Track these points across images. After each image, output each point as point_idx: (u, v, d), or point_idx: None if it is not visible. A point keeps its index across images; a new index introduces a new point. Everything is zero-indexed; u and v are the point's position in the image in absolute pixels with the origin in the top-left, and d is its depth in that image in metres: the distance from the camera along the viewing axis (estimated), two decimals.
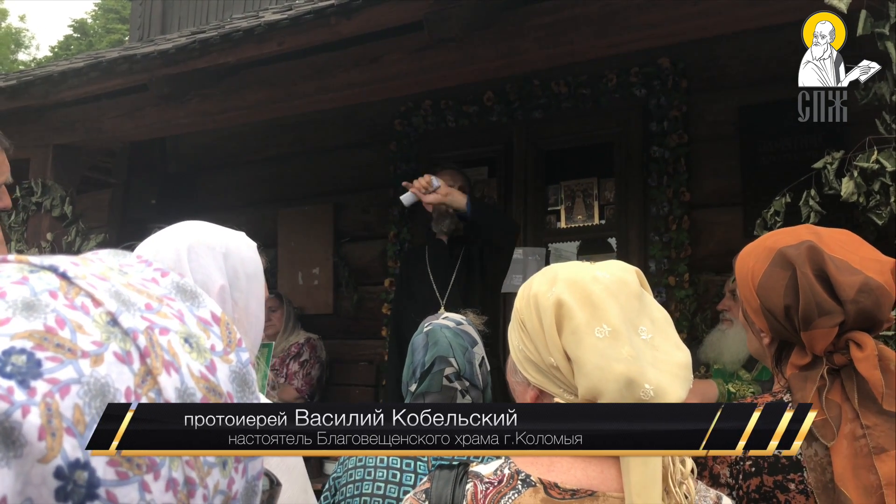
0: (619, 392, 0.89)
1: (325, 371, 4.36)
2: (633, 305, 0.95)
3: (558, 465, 0.94)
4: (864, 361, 1.18)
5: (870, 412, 1.17)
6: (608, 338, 0.91)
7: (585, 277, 0.97)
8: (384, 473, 1.57)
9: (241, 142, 4.98)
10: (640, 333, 0.93)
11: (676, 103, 3.65)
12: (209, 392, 0.43)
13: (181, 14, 6.10)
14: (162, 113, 3.82)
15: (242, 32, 3.09)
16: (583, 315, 0.93)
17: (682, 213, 3.60)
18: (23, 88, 3.81)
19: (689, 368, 0.93)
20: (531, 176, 4.11)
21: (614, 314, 0.93)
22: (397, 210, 4.41)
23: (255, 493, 0.46)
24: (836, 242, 1.26)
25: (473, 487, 0.95)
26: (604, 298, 0.94)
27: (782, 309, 1.24)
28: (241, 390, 0.45)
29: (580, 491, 0.91)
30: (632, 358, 0.90)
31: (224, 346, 0.46)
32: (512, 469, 0.96)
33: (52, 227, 3.97)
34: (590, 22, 2.82)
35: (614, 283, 0.96)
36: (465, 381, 1.62)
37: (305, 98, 3.53)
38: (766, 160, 3.43)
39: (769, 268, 1.27)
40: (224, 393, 0.44)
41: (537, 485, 0.93)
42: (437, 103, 4.29)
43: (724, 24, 2.68)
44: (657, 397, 0.88)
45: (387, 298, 4.42)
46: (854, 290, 1.18)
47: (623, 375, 0.89)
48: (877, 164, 2.02)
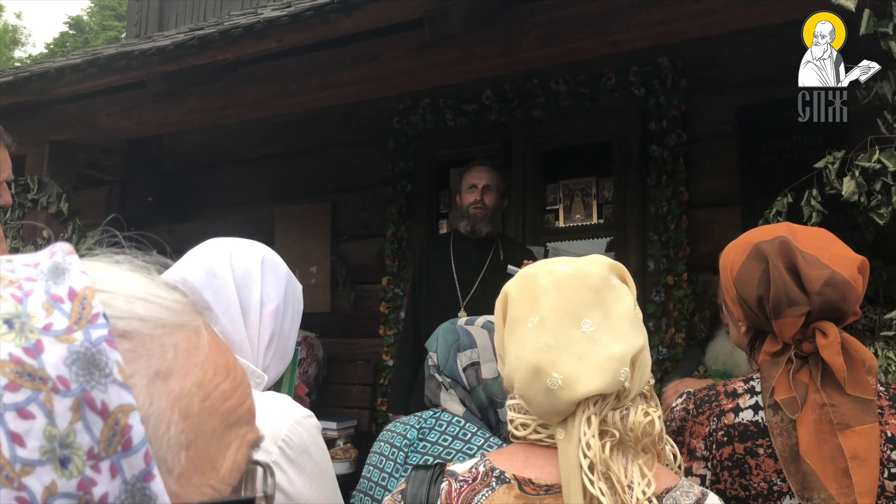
0: (527, 380, 0.91)
1: (323, 370, 4.35)
2: (584, 299, 0.95)
3: (533, 462, 0.95)
4: (828, 348, 1.27)
5: (835, 393, 1.27)
6: (535, 327, 0.93)
7: (541, 271, 0.99)
8: (376, 459, 1.62)
9: (238, 139, 4.96)
10: (580, 325, 0.93)
11: (675, 102, 3.65)
12: (21, 377, 0.36)
13: (178, 11, 6.08)
14: (159, 110, 3.80)
15: (242, 29, 3.07)
16: (521, 307, 0.96)
17: (681, 212, 3.60)
18: (19, 84, 3.79)
19: (622, 361, 0.92)
20: (530, 174, 4.11)
21: (549, 306, 0.94)
22: (395, 208, 4.41)
23: (148, 498, 0.38)
24: (809, 239, 1.35)
25: (448, 486, 0.96)
26: (546, 291, 0.95)
27: (755, 299, 1.34)
28: (85, 374, 0.37)
29: (555, 486, 0.91)
30: (547, 347, 0.91)
31: (69, 325, 0.38)
32: (487, 466, 0.96)
33: (48, 223, 3.95)
34: (590, 20, 2.81)
35: (569, 277, 0.96)
36: (445, 375, 1.63)
37: (304, 95, 3.52)
38: (764, 160, 3.43)
39: (745, 261, 1.38)
40: (51, 377, 0.36)
41: (511, 481, 0.93)
42: (436, 101, 4.28)
43: (724, 23, 2.68)
44: (565, 387, 0.89)
45: (384, 297, 4.41)
46: (820, 283, 1.28)
47: (531, 363, 0.90)
48: (878, 163, 2.02)
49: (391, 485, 1.56)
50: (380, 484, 1.57)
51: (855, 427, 1.24)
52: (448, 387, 1.63)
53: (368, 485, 1.60)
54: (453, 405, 1.62)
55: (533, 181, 4.11)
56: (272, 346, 1.17)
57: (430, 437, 1.58)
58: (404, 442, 1.60)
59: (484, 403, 1.64)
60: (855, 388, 1.26)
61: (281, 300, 1.20)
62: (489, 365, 1.64)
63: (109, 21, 22.19)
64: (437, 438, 1.57)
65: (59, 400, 0.36)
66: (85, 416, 0.37)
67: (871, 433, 1.24)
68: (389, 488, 1.56)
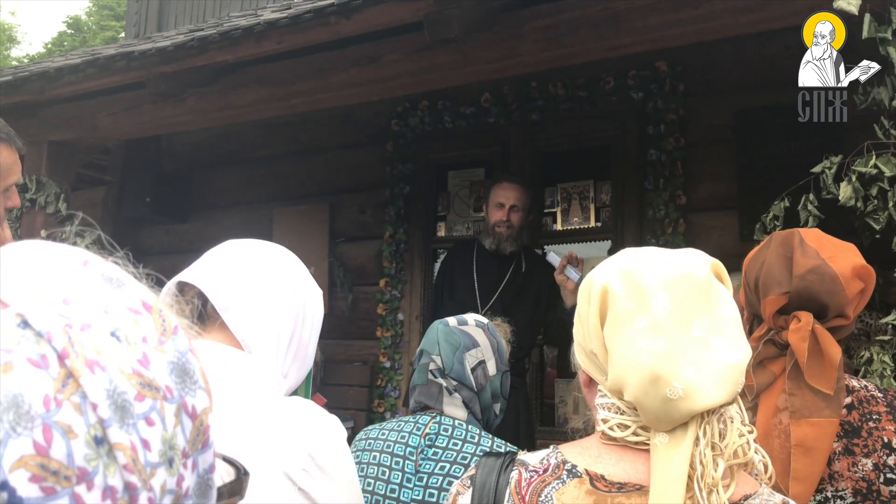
0: (643, 387, 0.85)
1: (320, 371, 4.35)
2: (693, 300, 0.89)
3: (606, 457, 0.92)
4: (795, 333, 1.31)
5: (800, 384, 1.31)
6: (646, 330, 0.87)
7: (643, 265, 0.92)
8: (375, 471, 1.58)
9: (237, 140, 4.96)
10: (691, 329, 0.87)
11: (673, 107, 3.66)
12: (144, 388, 0.39)
13: (177, 11, 6.08)
14: (158, 111, 3.80)
15: (241, 31, 3.08)
16: (626, 304, 0.89)
17: (678, 216, 3.61)
18: (18, 84, 3.79)
19: (740, 370, 0.87)
20: (528, 177, 4.11)
21: (661, 306, 0.88)
22: (393, 210, 4.41)
23: (209, 487, 0.43)
24: (824, 240, 1.39)
25: (518, 475, 0.93)
26: (654, 289, 0.89)
27: (754, 280, 1.42)
28: (180, 382, 0.42)
29: (628, 484, 0.88)
30: (664, 353, 0.85)
31: (158, 336, 0.42)
32: (559, 458, 0.93)
33: (45, 223, 3.95)
34: (589, 25, 2.82)
35: (676, 274, 0.90)
36: (451, 379, 1.61)
37: (303, 97, 3.52)
38: (761, 164, 3.44)
39: (760, 249, 1.47)
40: (161, 387, 0.40)
41: (583, 475, 0.90)
42: (435, 104, 4.29)
43: (723, 28, 2.69)
44: (685, 397, 0.83)
45: (382, 299, 4.41)
46: (805, 269, 1.33)
47: (648, 370, 0.85)
48: (875, 168, 2.03)
49: (404, 495, 1.52)
50: (389, 496, 1.53)
51: (810, 418, 1.28)
52: (452, 390, 1.61)
53: (374, 498, 1.54)
54: (455, 409, 1.60)
55: (531, 184, 4.11)
56: (292, 351, 1.15)
57: (440, 442, 1.56)
58: (408, 450, 1.56)
59: (489, 402, 1.65)
60: (816, 379, 1.29)
61: (302, 305, 1.17)
62: (490, 362, 1.66)
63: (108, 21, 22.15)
64: (447, 444, 1.55)
65: (168, 407, 0.40)
66: (182, 421, 0.41)
67: (825, 426, 1.27)
68: (402, 499, 1.52)
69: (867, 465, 1.27)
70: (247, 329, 1.10)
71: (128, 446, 0.38)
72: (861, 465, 1.28)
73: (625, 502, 0.88)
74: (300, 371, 1.19)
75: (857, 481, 1.27)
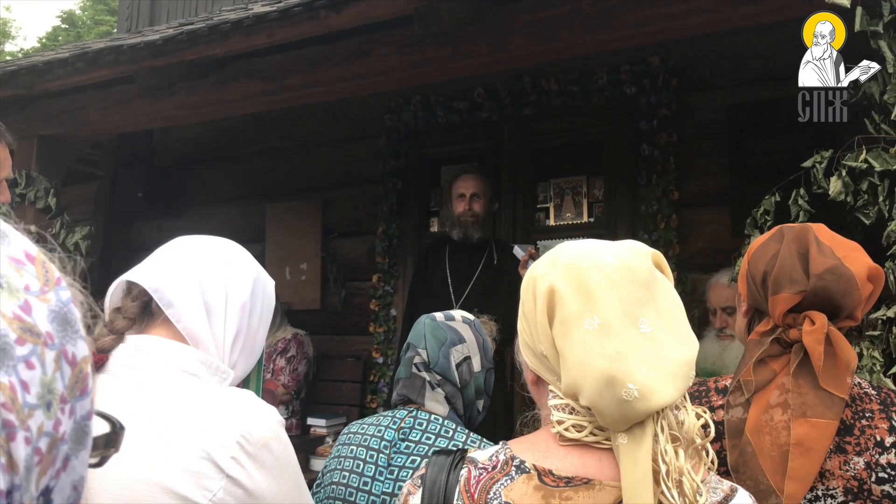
0: (599, 391, 0.85)
1: (312, 367, 4.34)
2: (637, 295, 0.89)
3: (554, 453, 0.92)
4: (811, 335, 1.28)
5: (805, 383, 1.28)
6: (596, 331, 0.87)
7: (586, 263, 0.92)
8: (350, 464, 1.58)
9: (229, 135, 4.94)
10: (639, 326, 0.87)
11: (666, 101, 3.65)
12: (25, 332, 0.40)
13: (169, 6, 6.04)
14: (149, 105, 3.78)
15: (231, 24, 3.06)
16: (574, 305, 0.89)
17: (671, 211, 3.60)
18: (7, 78, 3.76)
19: (691, 365, 0.88)
20: (520, 173, 4.10)
21: (609, 306, 0.88)
22: (386, 205, 4.39)
23: (85, 434, 0.45)
24: (835, 238, 1.36)
25: (467, 473, 0.93)
26: (601, 288, 0.88)
27: (762, 274, 1.37)
28: (62, 330, 0.43)
29: (575, 479, 0.89)
30: (618, 354, 0.85)
31: (41, 286, 0.43)
32: (507, 455, 0.94)
33: (36, 219, 3.92)
34: (581, 18, 2.80)
35: (619, 270, 0.90)
36: (435, 373, 1.61)
37: (294, 92, 3.50)
38: (754, 159, 3.43)
39: (766, 241, 1.42)
40: (42, 333, 0.41)
41: (531, 471, 0.90)
42: (427, 99, 4.27)
43: (715, 22, 2.68)
44: (641, 397, 0.84)
45: (375, 294, 4.40)
46: (823, 268, 1.29)
47: (603, 373, 0.84)
48: (865, 163, 2.02)
49: (375, 488, 1.54)
50: (361, 489, 1.54)
51: (811, 418, 1.25)
52: (435, 385, 1.61)
53: (347, 491, 1.55)
54: (436, 405, 1.60)
55: (523, 179, 4.11)
56: (238, 343, 1.18)
57: (413, 436, 1.56)
58: (382, 444, 1.57)
59: (472, 399, 1.64)
60: (829, 382, 1.26)
61: (248, 297, 1.19)
62: (476, 359, 1.66)
63: (102, 16, 22.07)
64: (420, 437, 1.55)
65: (48, 352, 0.42)
66: (62, 367, 0.43)
67: (825, 427, 1.25)
68: (374, 492, 1.53)
69: (859, 464, 1.25)
70: (189, 323, 1.13)
71: (7, 386, 0.39)
72: (853, 463, 1.26)
73: (572, 496, 0.88)
74: (248, 361, 1.22)
75: (849, 480, 1.25)
